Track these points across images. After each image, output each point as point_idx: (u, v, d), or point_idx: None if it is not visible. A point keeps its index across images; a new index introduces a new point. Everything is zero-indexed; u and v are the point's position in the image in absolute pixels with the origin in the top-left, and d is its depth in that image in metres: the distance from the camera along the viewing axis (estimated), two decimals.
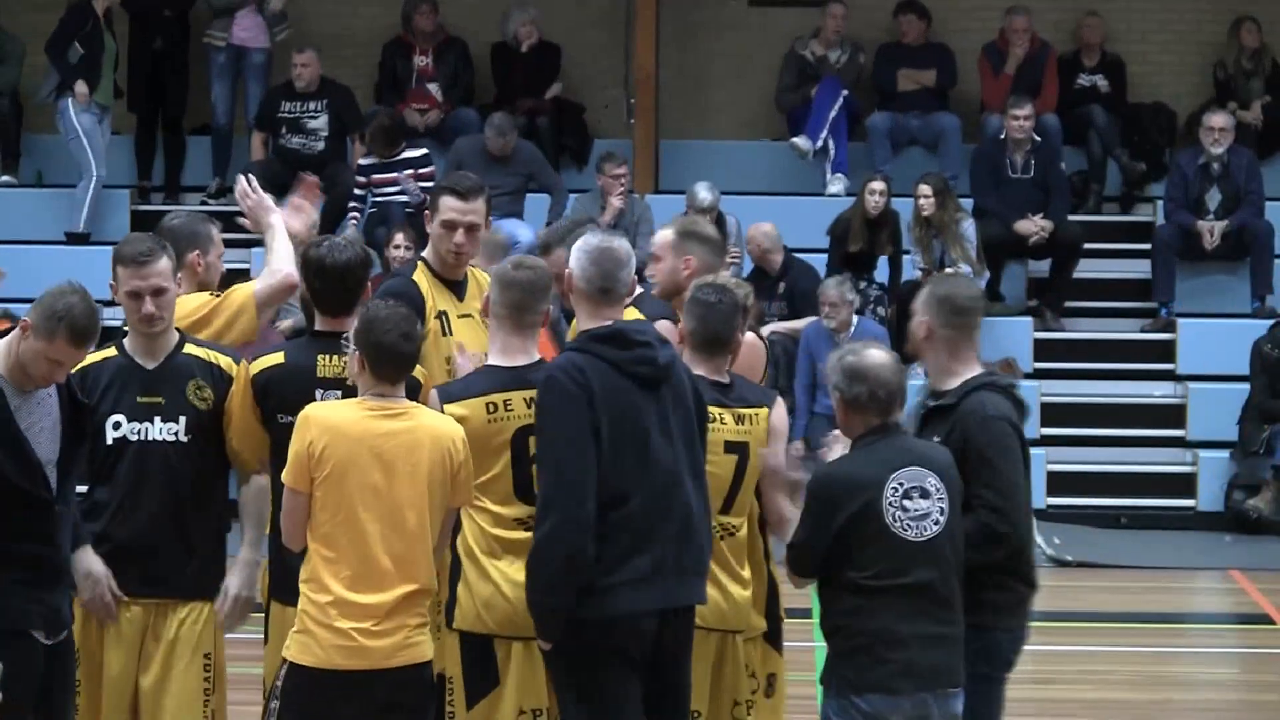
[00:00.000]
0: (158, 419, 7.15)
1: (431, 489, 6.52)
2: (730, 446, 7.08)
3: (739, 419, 7.10)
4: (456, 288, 7.64)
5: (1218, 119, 17.39)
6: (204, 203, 17.77)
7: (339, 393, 7.00)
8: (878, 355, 6.85)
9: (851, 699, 6.57)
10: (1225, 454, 16.45)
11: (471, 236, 7.61)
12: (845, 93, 18.19)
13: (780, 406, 7.31)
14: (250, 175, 7.88)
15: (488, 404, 6.77)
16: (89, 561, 6.91)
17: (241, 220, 8.13)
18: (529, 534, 6.74)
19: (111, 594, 6.90)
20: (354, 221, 17.56)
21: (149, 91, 18.00)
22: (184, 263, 7.55)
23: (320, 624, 6.44)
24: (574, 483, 6.57)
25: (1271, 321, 16.58)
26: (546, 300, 6.88)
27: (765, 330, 12.27)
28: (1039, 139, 17.54)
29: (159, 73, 17.93)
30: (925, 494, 6.65)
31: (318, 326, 7.16)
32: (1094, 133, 18.28)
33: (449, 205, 7.64)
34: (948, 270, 17.01)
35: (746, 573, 7.22)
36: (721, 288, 7.24)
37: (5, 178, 18.02)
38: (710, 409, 6.92)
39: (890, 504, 6.58)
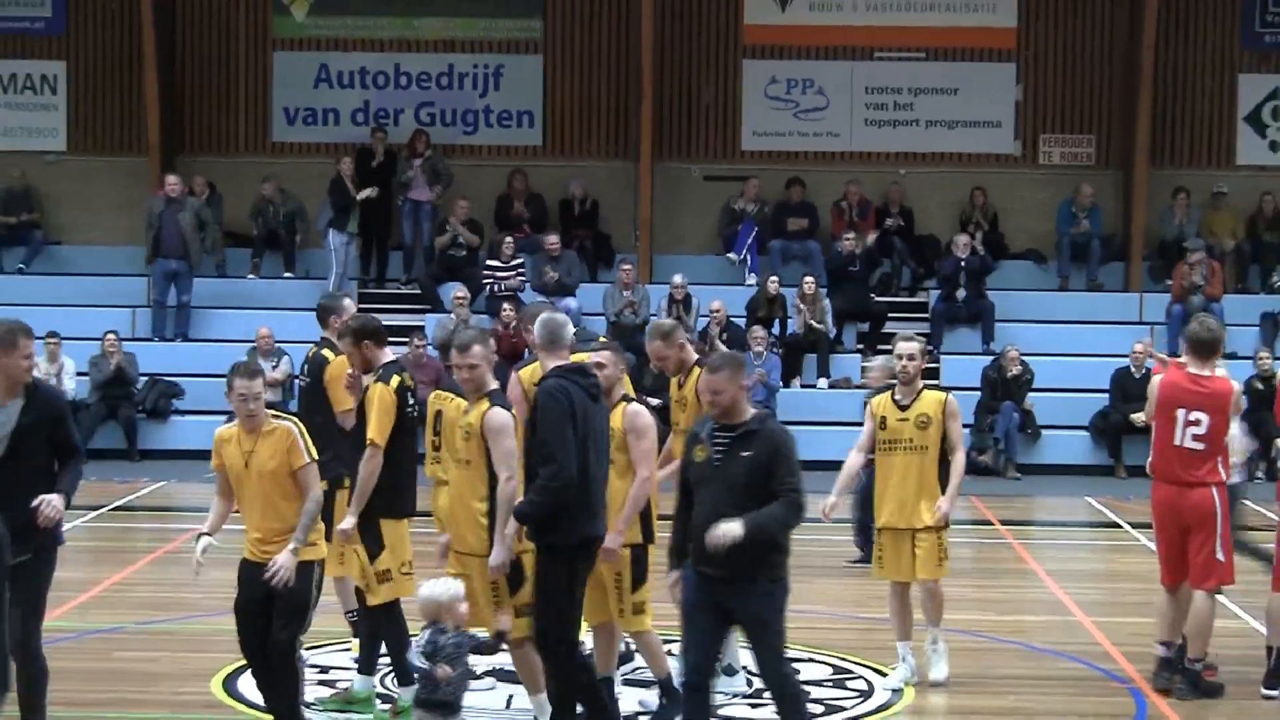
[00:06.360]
0: None
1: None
2: None
3: None
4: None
5: (961, 239, 22.28)
6: (399, 288, 22.79)
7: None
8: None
9: None
10: (967, 430, 18.35)
11: None
12: (756, 229, 22.39)
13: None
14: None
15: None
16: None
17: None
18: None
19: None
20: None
21: (367, 224, 22.48)
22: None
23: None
24: (565, 450, 7.71)
25: (993, 357, 20.99)
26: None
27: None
28: (861, 254, 21.87)
29: (372, 213, 22.51)
30: None
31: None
32: (895, 251, 22.84)
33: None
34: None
35: None
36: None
37: (287, 274, 22.92)
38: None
39: None
